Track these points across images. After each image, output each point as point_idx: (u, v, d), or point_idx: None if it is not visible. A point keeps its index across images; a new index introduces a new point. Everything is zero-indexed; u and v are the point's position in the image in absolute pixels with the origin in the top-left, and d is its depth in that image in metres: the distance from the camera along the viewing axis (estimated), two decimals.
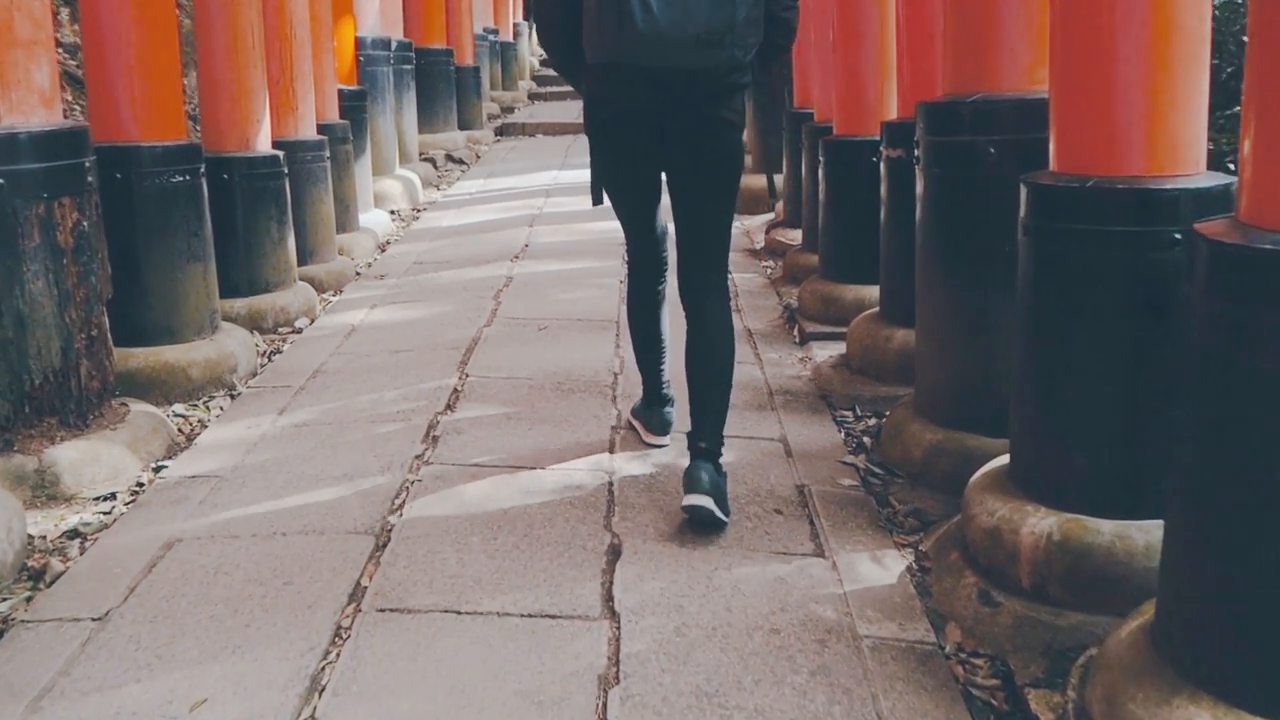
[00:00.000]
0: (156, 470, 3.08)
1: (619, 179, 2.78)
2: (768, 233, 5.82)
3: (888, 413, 3.41)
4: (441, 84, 9.91)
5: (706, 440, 2.65)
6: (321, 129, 5.52)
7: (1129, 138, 2.13)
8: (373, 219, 6.46)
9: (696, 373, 2.74)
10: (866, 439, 3.26)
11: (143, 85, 3.65)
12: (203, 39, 4.39)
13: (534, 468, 2.88)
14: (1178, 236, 2.09)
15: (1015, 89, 2.71)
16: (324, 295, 5.06)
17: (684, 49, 2.44)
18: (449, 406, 3.34)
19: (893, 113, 4.20)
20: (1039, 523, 2.23)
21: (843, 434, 3.29)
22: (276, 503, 2.71)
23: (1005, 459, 2.52)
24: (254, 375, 3.89)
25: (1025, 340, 2.34)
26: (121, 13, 3.58)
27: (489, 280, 5.04)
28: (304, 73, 5.13)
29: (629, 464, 2.92)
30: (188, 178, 3.78)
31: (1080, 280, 2.19)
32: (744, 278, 5.22)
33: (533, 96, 15.33)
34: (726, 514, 2.58)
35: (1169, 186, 2.10)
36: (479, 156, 10.06)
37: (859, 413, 3.47)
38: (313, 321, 4.56)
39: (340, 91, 6.19)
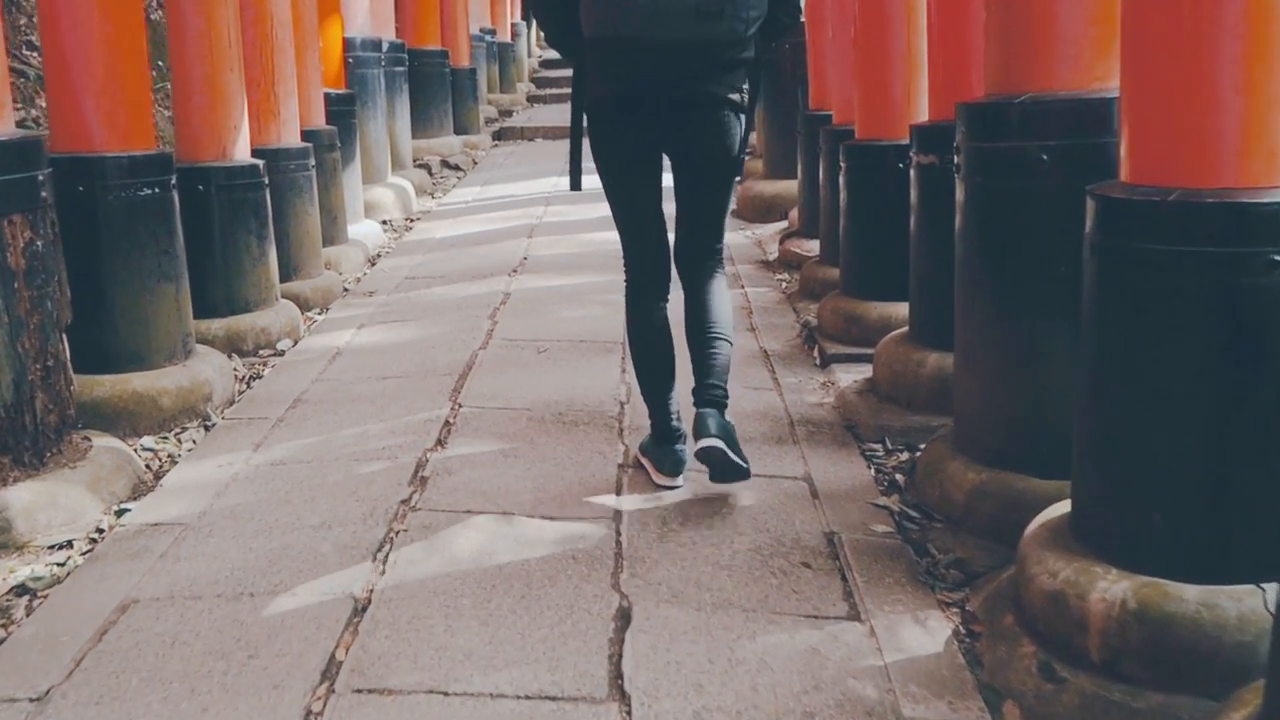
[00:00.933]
0: (119, 514, 2.79)
1: (617, 161, 2.67)
2: (781, 243, 5.52)
3: (922, 446, 3.11)
4: (436, 87, 9.62)
5: (711, 392, 2.70)
6: (306, 136, 5.23)
7: (1220, 143, 1.83)
8: (363, 230, 6.16)
9: (697, 335, 2.75)
10: (899, 476, 2.96)
11: (107, 90, 3.36)
12: (176, 40, 4.10)
13: (533, 515, 2.58)
14: (1277, 259, 1.81)
15: (1071, 87, 2.41)
16: (309, 314, 4.76)
17: (683, 20, 2.40)
18: (440, 442, 3.04)
19: (922, 115, 3.90)
20: (1110, 587, 1.93)
21: (872, 471, 2.99)
22: (245, 556, 2.41)
23: (1064, 508, 2.23)
24: (231, 403, 3.60)
25: (1092, 375, 2.05)
26: (83, 10, 3.29)
27: (485, 297, 4.75)
28: (286, 76, 4.84)
29: (638, 509, 2.63)
30: (157, 190, 3.49)
31: (1160, 308, 1.90)
32: (757, 292, 4.92)
33: (532, 99, 15.04)
34: (744, 460, 2.62)
35: (1267, 200, 1.81)
36: (476, 162, 9.77)
37: (889, 446, 3.17)
38: (296, 343, 4.27)
39: (327, 95, 5.90)
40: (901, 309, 3.86)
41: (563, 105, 14.04)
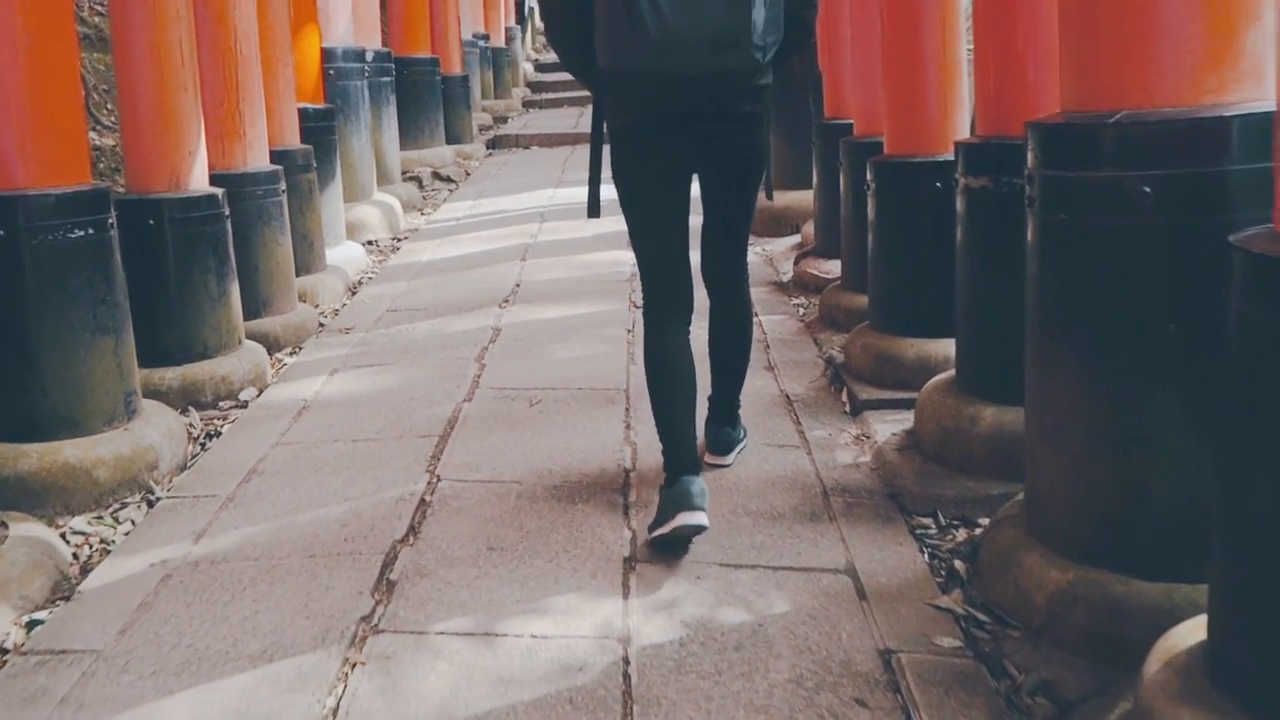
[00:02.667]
0: (29, 627, 2.33)
1: (639, 188, 2.62)
2: (797, 263, 5.05)
3: (982, 523, 2.65)
4: (426, 96, 9.17)
5: (726, 411, 2.98)
6: (278, 156, 4.78)
7: None
8: (343, 254, 5.70)
9: (720, 355, 2.87)
10: (959, 563, 2.50)
11: (30, 116, 2.91)
12: (121, 56, 3.64)
13: (520, 634, 2.11)
14: None
15: (1177, 102, 1.95)
16: (279, 354, 4.30)
17: (699, 53, 2.34)
18: (412, 530, 2.57)
19: (961, 129, 3.44)
20: None
21: (926, 556, 2.52)
22: (161, 704, 1.94)
23: (1190, 634, 1.77)
24: (183, 468, 3.14)
25: (1236, 469, 1.59)
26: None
27: (472, 334, 4.28)
28: (253, 93, 4.38)
29: (650, 623, 2.16)
30: (92, 231, 3.03)
31: None
32: (773, 321, 4.45)
33: (528, 104, 14.59)
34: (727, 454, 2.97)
35: None
36: (468, 174, 9.31)
37: (942, 521, 2.71)
38: (261, 392, 3.80)
39: (303, 111, 5.44)
40: (941, 347, 3.41)
41: (559, 110, 13.60)
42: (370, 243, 6.51)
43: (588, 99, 14.19)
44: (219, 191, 3.85)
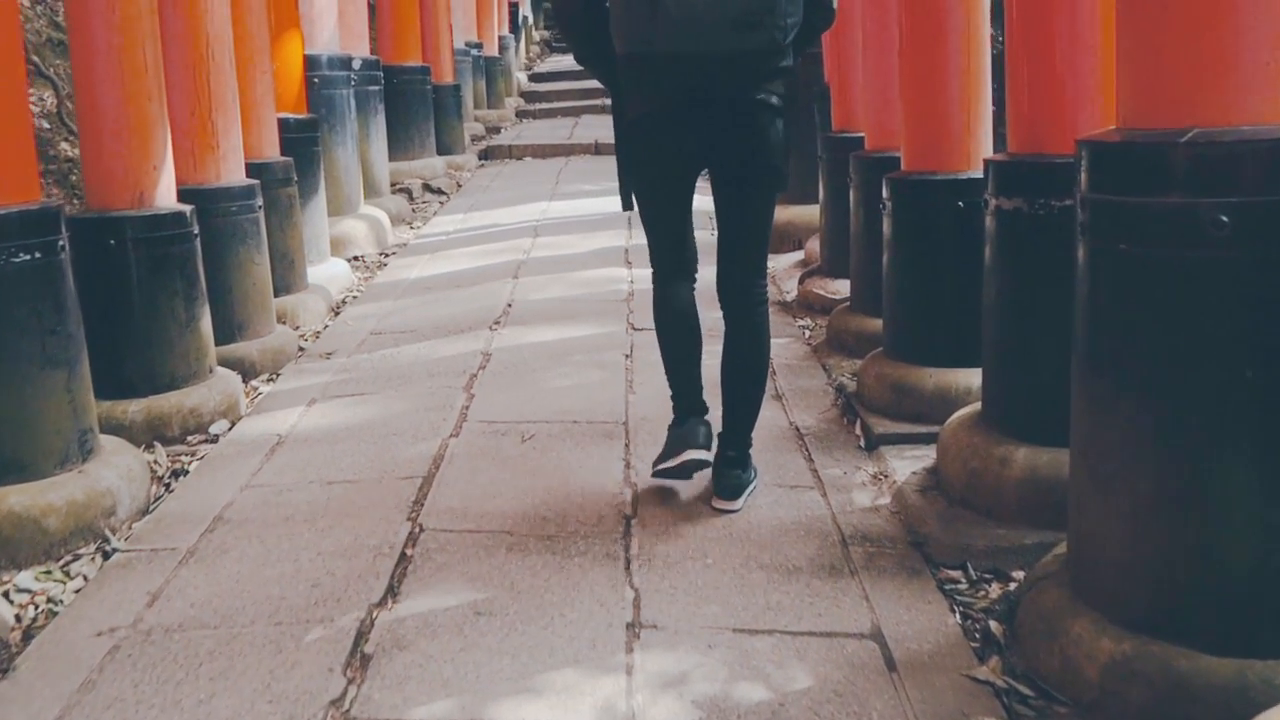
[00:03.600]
0: None
1: (652, 179, 2.64)
2: (802, 282, 4.81)
3: (1017, 576, 2.42)
4: (417, 105, 8.91)
5: (736, 448, 2.75)
6: (255, 170, 4.52)
7: None
8: (327, 272, 5.45)
9: (733, 383, 2.74)
10: (994, 624, 2.25)
11: None
12: (81, 63, 3.39)
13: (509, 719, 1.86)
14: None
15: (1261, 119, 1.71)
16: (255, 382, 4.05)
17: (720, 32, 2.32)
18: (391, 592, 2.32)
19: (986, 143, 3.21)
20: None
21: (958, 616, 2.28)
22: None
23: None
24: (144, 512, 2.89)
25: None
26: None
27: (460, 360, 4.03)
28: (227, 102, 4.13)
29: (658, 703, 1.91)
30: (39, 254, 2.78)
31: None
32: (778, 344, 4.20)
33: (521, 114, 14.34)
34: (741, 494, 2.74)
35: None
36: (460, 185, 9.05)
37: (973, 574, 2.47)
38: (233, 425, 3.55)
39: (283, 122, 5.19)
40: (962, 378, 3.17)
41: (553, 121, 13.37)
42: (356, 258, 6.26)
43: (582, 110, 13.96)
44: (187, 209, 3.60)
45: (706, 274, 2.79)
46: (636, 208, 2.72)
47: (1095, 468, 2.02)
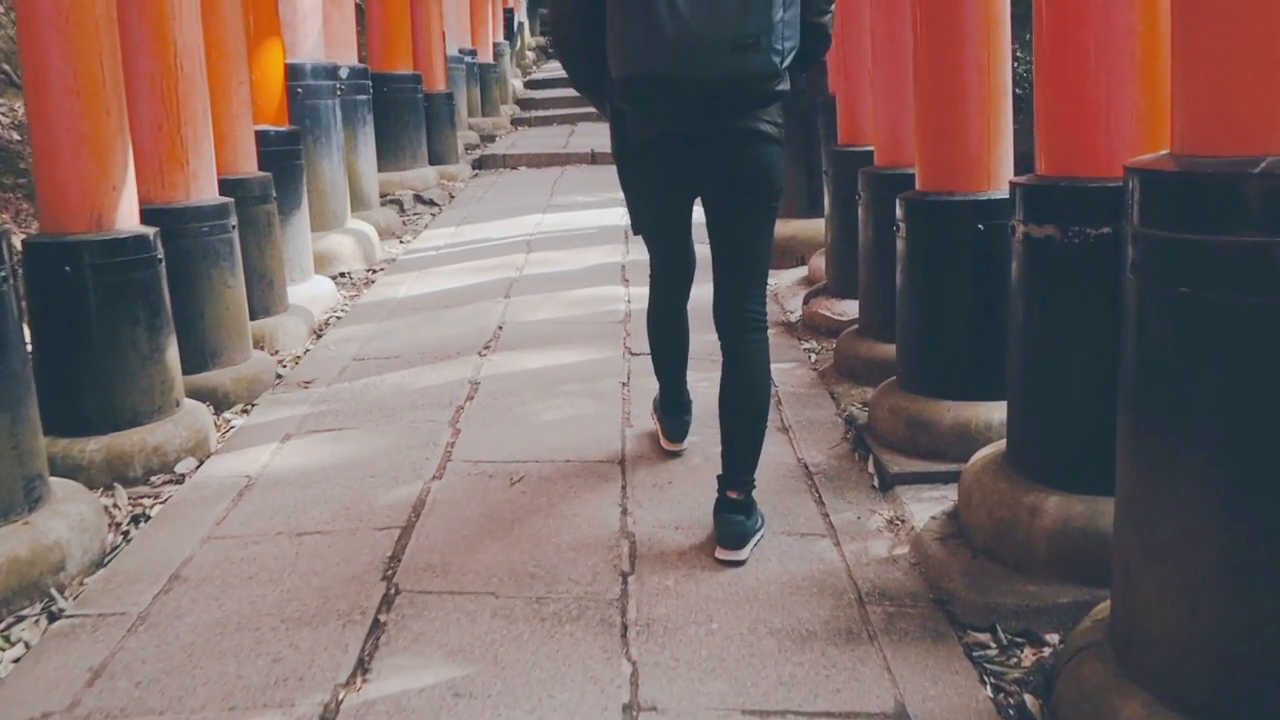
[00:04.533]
0: None
1: (650, 201, 2.66)
2: (807, 303, 4.58)
3: (1051, 640, 2.20)
4: (408, 115, 8.68)
5: (739, 490, 2.58)
6: (230, 186, 4.29)
7: None
8: (310, 291, 5.21)
9: (733, 416, 2.60)
10: (1029, 698, 2.02)
11: None
12: (32, 75, 3.15)
13: None
14: None
15: None
16: (228, 414, 3.81)
17: (717, 54, 2.26)
18: (361, 666, 2.08)
19: (1007, 162, 2.98)
20: None
21: (989, 688, 2.05)
22: None
23: None
24: (99, 565, 2.65)
25: None
26: None
27: (447, 389, 3.79)
28: (197, 116, 3.90)
29: None
30: None
31: None
32: (782, 370, 3.98)
33: (516, 122, 14.13)
34: (746, 544, 2.56)
35: None
36: (452, 196, 8.82)
37: (1003, 638, 2.23)
38: (201, 464, 3.31)
39: (263, 134, 4.96)
40: (982, 412, 2.95)
41: (548, 129, 13.16)
42: (343, 275, 6.02)
43: (578, 117, 13.76)
44: (150, 231, 3.37)
45: (700, 292, 2.73)
46: (639, 226, 2.74)
47: (1147, 534, 1.79)
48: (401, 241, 7.08)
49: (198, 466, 3.32)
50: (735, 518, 2.53)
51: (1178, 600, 1.74)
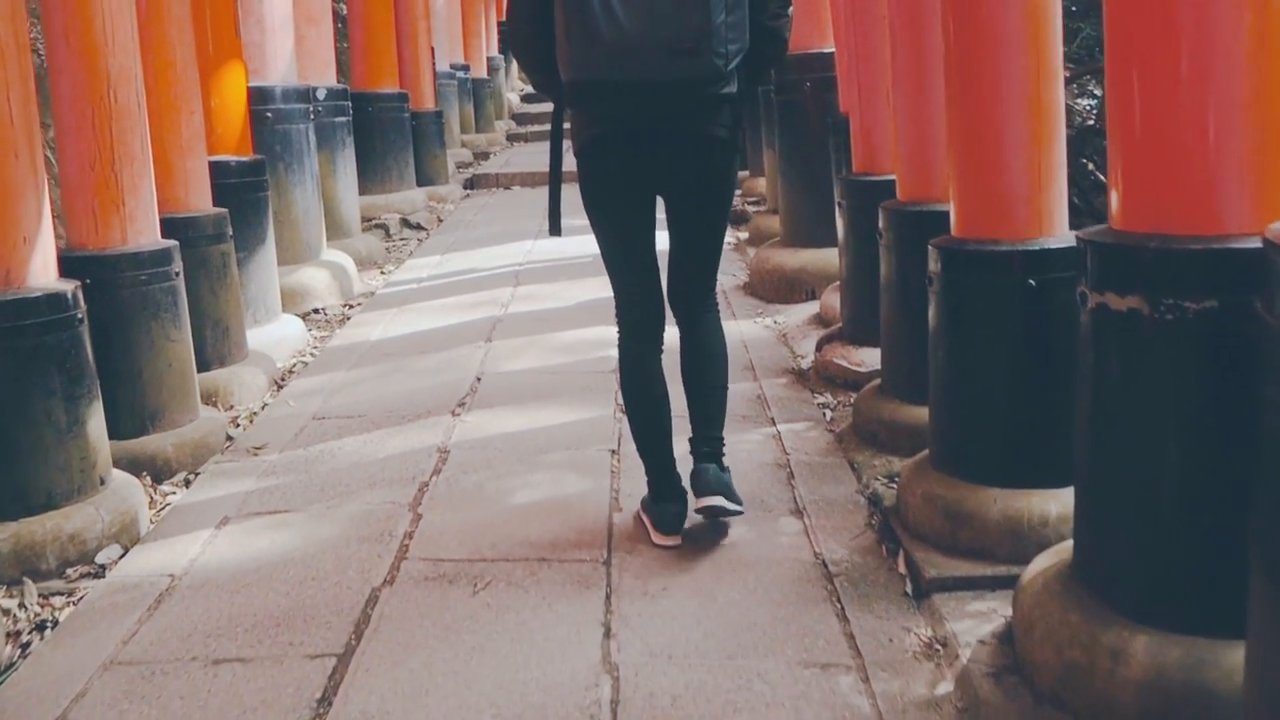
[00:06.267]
0: None
1: (607, 206, 2.62)
2: (820, 349, 4.12)
3: None
4: (394, 135, 8.28)
5: (709, 444, 2.71)
6: (178, 226, 3.86)
7: None
8: (274, 334, 4.77)
9: (694, 381, 2.74)
10: None
11: None
12: None
13: None
14: None
15: None
16: (167, 486, 3.36)
17: (655, 59, 2.29)
18: None
19: (1061, 205, 2.53)
20: None
21: None
22: None
23: None
24: None
25: None
26: None
27: (411, 460, 3.33)
28: (134, 151, 3.46)
29: None
30: None
31: None
32: (793, 431, 3.52)
33: (512, 138, 13.75)
34: (739, 502, 2.67)
35: None
36: (441, 220, 8.40)
37: None
38: (126, 552, 2.86)
39: (221, 166, 4.53)
40: (1038, 503, 2.50)
41: (544, 144, 12.72)
42: (316, 312, 5.58)
43: None
44: (68, 287, 2.93)
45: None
46: (596, 242, 2.67)
47: None
48: (382, 272, 6.64)
49: (122, 555, 2.87)
50: (709, 467, 2.68)
51: None
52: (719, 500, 2.62)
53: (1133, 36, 1.87)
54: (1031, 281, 2.47)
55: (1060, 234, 2.53)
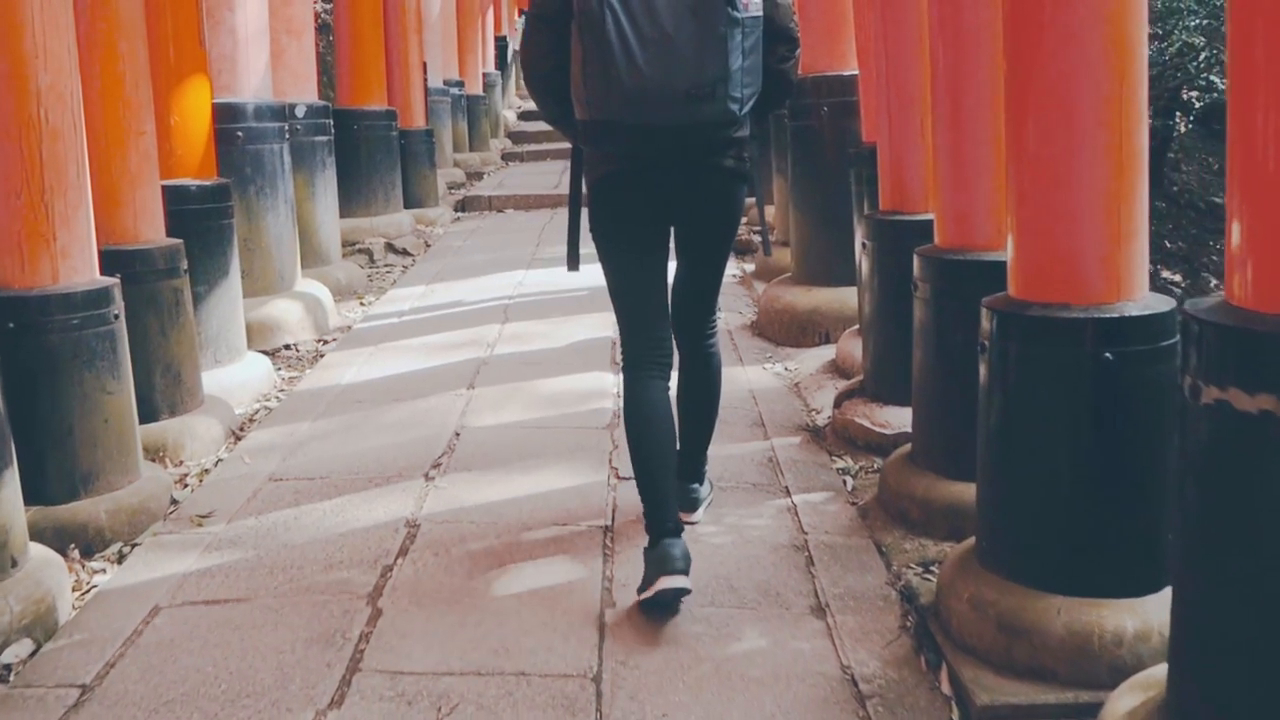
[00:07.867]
0: None
1: (618, 242, 2.59)
2: (839, 406, 3.70)
3: None
4: (380, 154, 7.89)
5: (694, 462, 2.90)
6: (122, 260, 3.47)
7: None
8: (236, 376, 4.36)
9: (690, 412, 2.82)
10: None
11: None
12: None
13: None
14: None
15: None
16: (97, 561, 2.94)
17: (673, 104, 2.33)
18: None
19: (1140, 263, 2.15)
20: None
21: None
22: None
23: None
24: None
25: None
26: None
27: (375, 538, 2.91)
28: (69, 178, 3.05)
29: None
30: None
31: None
32: (809, 503, 3.11)
33: (507, 157, 13.36)
34: (699, 511, 2.93)
35: None
36: (428, 245, 8.00)
37: None
38: (38, 650, 2.45)
39: (180, 191, 4.14)
40: (1111, 617, 2.12)
41: (540, 165, 12.38)
42: (287, 348, 5.17)
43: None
44: None
45: None
46: (604, 277, 2.64)
47: None
48: (363, 303, 6.23)
49: (34, 653, 2.45)
50: (688, 486, 2.88)
51: None
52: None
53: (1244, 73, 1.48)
54: (1108, 355, 2.07)
55: (1140, 298, 2.14)
